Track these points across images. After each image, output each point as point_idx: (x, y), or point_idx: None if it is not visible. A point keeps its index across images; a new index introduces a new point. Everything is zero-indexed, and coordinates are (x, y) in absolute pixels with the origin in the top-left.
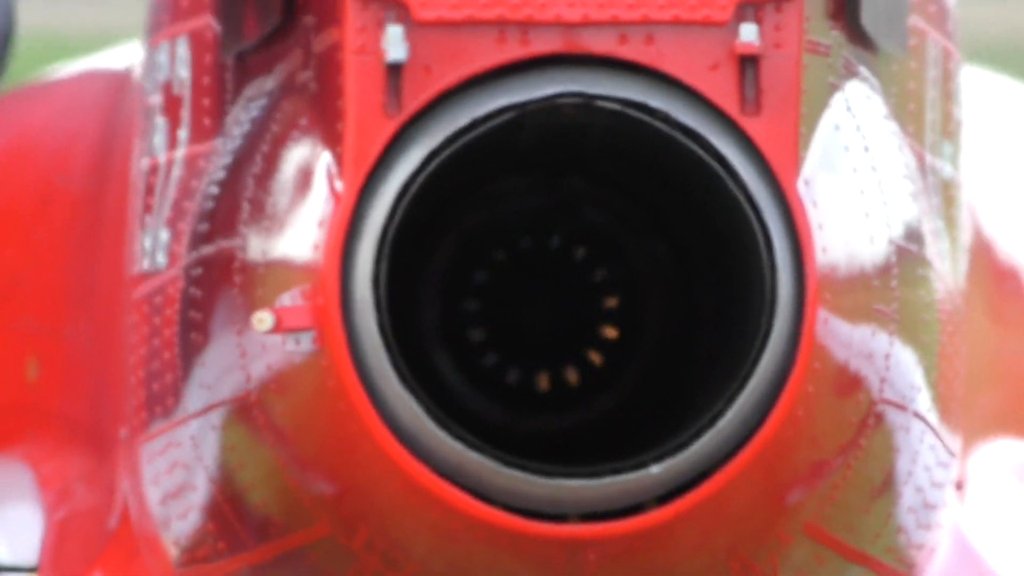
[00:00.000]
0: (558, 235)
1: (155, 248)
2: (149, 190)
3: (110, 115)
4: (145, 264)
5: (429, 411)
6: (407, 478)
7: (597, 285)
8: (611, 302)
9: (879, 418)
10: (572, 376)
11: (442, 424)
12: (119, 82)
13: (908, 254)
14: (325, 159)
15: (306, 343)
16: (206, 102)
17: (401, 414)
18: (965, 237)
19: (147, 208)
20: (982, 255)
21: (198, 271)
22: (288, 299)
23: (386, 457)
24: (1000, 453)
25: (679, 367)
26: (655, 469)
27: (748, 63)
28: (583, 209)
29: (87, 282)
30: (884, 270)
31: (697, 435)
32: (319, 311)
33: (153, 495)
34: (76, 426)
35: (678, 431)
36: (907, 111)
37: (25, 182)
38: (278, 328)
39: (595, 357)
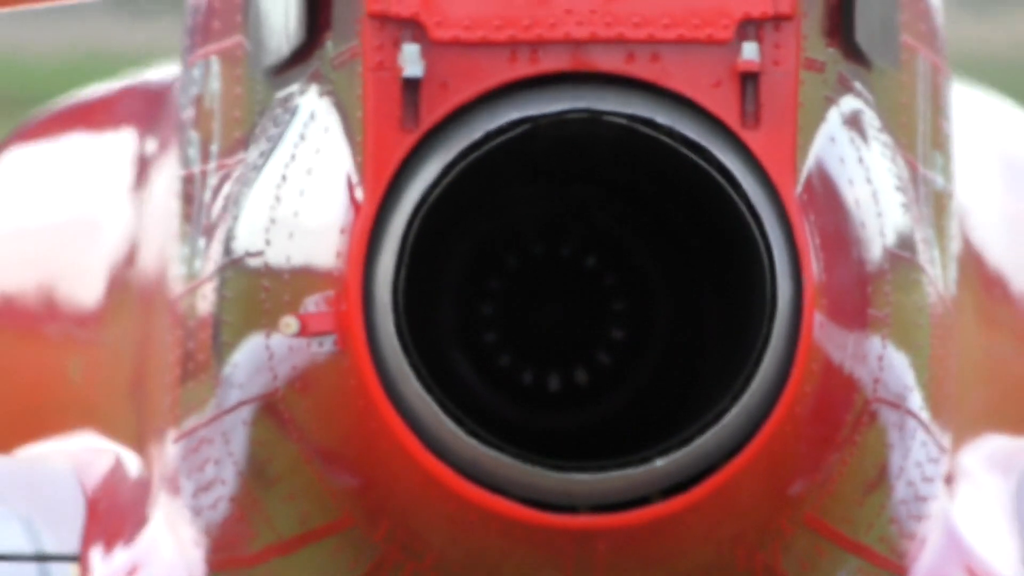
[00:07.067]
0: (569, 242)
1: (192, 255)
2: (187, 200)
3: (148, 130)
4: (183, 270)
5: (446, 409)
6: (426, 473)
7: (606, 289)
8: (619, 306)
9: (873, 416)
10: (583, 376)
11: (458, 421)
12: (156, 99)
13: (901, 261)
14: (347, 170)
15: (329, 345)
16: (236, 115)
17: (420, 412)
18: (955, 245)
19: (185, 217)
20: (972, 262)
21: (230, 276)
22: (312, 304)
23: (405, 453)
24: (988, 449)
25: (684, 367)
26: (660, 462)
27: (748, 79)
28: (593, 217)
29: (125, 287)
30: (878, 276)
31: (701, 431)
32: (342, 316)
33: (186, 487)
34: (116, 423)
35: (683, 428)
36: (900, 123)
37: (68, 195)
38: (303, 332)
39: (604, 358)
